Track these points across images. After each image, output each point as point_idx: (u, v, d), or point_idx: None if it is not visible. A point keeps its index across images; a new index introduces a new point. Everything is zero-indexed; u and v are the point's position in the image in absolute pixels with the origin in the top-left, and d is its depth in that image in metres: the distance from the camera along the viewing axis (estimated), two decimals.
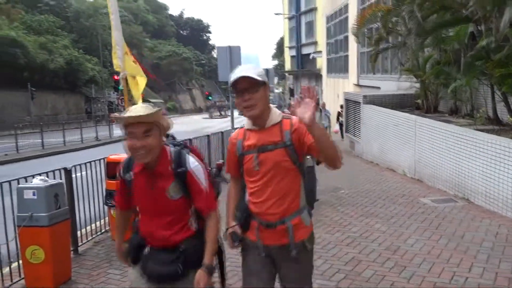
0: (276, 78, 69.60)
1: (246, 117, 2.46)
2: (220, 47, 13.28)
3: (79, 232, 5.42)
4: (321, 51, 33.36)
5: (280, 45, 64.17)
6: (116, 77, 28.70)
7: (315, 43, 39.25)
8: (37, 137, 20.06)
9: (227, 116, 55.63)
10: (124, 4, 72.78)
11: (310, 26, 41.63)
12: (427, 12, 9.49)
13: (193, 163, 2.38)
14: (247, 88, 2.34)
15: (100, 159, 5.98)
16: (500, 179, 6.18)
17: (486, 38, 7.62)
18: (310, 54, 39.09)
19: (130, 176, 2.43)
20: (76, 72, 40.10)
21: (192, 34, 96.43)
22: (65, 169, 5.11)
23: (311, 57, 39.01)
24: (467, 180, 7.12)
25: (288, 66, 50.39)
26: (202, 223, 2.42)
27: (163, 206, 2.35)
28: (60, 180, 4.59)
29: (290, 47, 47.74)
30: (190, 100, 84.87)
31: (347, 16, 22.01)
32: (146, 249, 2.41)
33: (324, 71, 30.93)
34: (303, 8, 43.13)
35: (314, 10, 39.60)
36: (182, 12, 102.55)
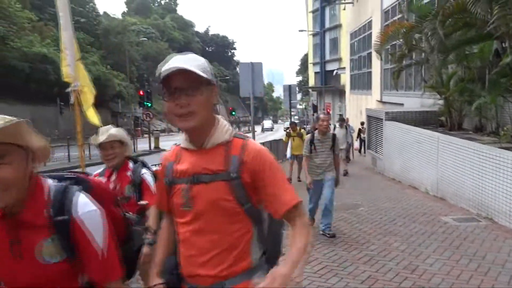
0: (299, 94, 69.77)
1: (180, 128, 1.73)
2: (242, 63, 13.45)
3: None
4: (345, 68, 33.31)
5: (304, 61, 64.35)
6: (141, 92, 29.24)
7: (339, 60, 39.28)
8: (64, 150, 20.56)
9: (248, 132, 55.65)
10: (152, 22, 74.71)
11: (335, 43, 41.71)
12: (449, 29, 9.41)
13: (84, 207, 1.51)
14: (185, 88, 1.66)
15: None
16: None
17: (511, 55, 7.51)
18: (334, 70, 39.10)
19: None
20: (103, 87, 41.05)
21: (217, 50, 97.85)
22: None
23: (334, 73, 39.03)
24: (491, 199, 6.95)
25: (312, 82, 50.44)
26: None
27: (32, 276, 1.48)
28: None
29: (314, 63, 47.86)
30: None
31: (371, 32, 21.98)
32: None
33: (347, 88, 30.83)
34: (327, 25, 43.31)
35: (338, 27, 39.72)
36: (208, 29, 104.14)
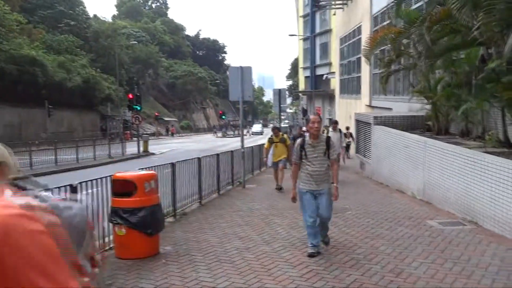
0: (289, 98, 69.91)
1: None
2: (232, 67, 13.46)
3: None
4: (334, 72, 33.50)
5: (294, 65, 64.61)
6: (131, 95, 29.12)
7: (329, 64, 39.46)
8: (51, 153, 20.38)
9: (236, 135, 56.05)
10: (142, 25, 74.49)
11: (325, 48, 41.93)
12: (436, 35, 9.52)
13: None
14: None
15: (106, 177, 6.07)
16: (509, 202, 6.08)
17: (496, 61, 7.61)
18: (324, 75, 39.29)
19: None
20: (92, 90, 40.86)
21: (207, 54, 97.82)
22: (70, 185, 5.19)
23: (324, 77, 39.21)
24: (476, 203, 7.02)
25: (302, 86, 50.63)
26: None
27: None
28: (64, 197, 4.64)
29: (305, 68, 48.07)
30: (204, 119, 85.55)
31: (360, 38, 22.14)
32: None
33: (337, 92, 30.99)
34: (318, 30, 43.54)
35: (328, 31, 39.94)
36: (198, 32, 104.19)
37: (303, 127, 19.72)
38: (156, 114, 62.37)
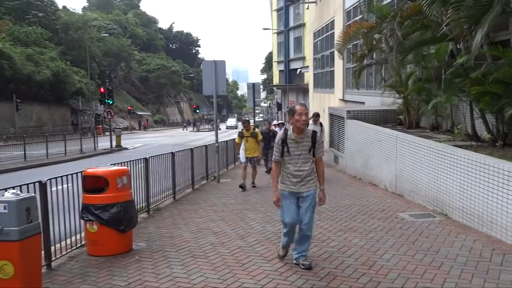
0: (264, 92, 69.96)
1: None
2: (205, 61, 13.35)
3: (53, 246, 5.34)
4: (308, 66, 33.69)
5: (269, 59, 64.71)
6: (102, 89, 28.57)
7: (303, 58, 39.66)
8: (20, 149, 19.84)
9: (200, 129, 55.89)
10: (114, 17, 73.10)
11: (298, 42, 42.10)
12: (407, 30, 9.66)
13: None
14: None
15: (77, 173, 5.95)
16: (476, 194, 6.25)
17: (464, 56, 7.78)
18: (298, 69, 39.47)
19: None
20: (62, 84, 39.93)
21: (181, 47, 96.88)
22: (39, 182, 5.06)
23: (298, 71, 39.40)
24: (445, 196, 7.20)
25: (276, 80, 50.77)
26: None
27: None
28: (32, 194, 4.52)
29: (279, 62, 48.18)
30: (178, 113, 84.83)
31: (333, 32, 22.30)
32: None
33: (311, 86, 31.18)
34: (291, 24, 43.66)
35: (302, 26, 40.11)
36: (171, 25, 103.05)
37: (273, 121, 19.45)
38: (129, 108, 61.51)
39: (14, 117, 33.03)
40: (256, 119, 23.31)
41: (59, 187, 5.59)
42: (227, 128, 62.72)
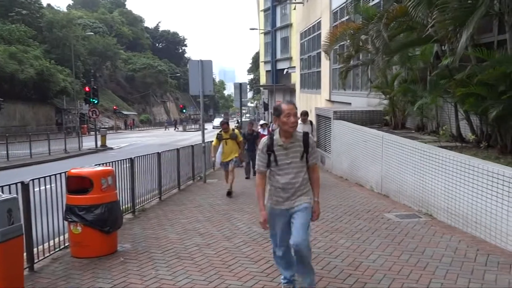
0: (251, 92, 69.95)
1: None
2: (192, 61, 13.27)
3: (36, 248, 5.25)
4: (295, 67, 33.77)
5: (256, 59, 64.72)
6: (87, 88, 28.25)
7: (290, 59, 39.74)
8: (3, 148, 19.51)
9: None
10: (99, 16, 72.41)
11: (285, 42, 42.18)
12: (394, 32, 9.73)
13: None
14: None
15: (61, 173, 5.85)
16: (461, 195, 6.31)
17: (449, 58, 7.86)
18: (285, 69, 39.55)
19: None
20: (47, 82, 39.40)
21: (167, 47, 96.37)
22: (22, 183, 4.96)
23: (285, 72, 39.47)
24: (430, 196, 7.25)
25: (263, 80, 50.79)
26: None
27: None
28: (14, 195, 4.43)
29: (266, 62, 48.19)
30: (164, 113, 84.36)
31: (320, 33, 22.37)
32: None
33: (297, 86, 31.26)
34: (278, 24, 43.70)
35: (289, 26, 40.19)
36: (158, 25, 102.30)
37: (256, 122, 19.08)
38: (115, 107, 60.98)
39: None
40: (243, 119, 23.24)
41: (42, 188, 5.50)
42: (213, 128, 62.66)
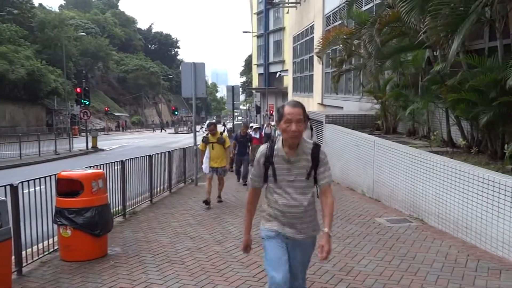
0: (243, 95, 69.97)
1: None
2: (184, 63, 13.27)
3: (24, 251, 5.18)
4: (287, 70, 33.84)
5: (248, 62, 64.77)
6: (78, 89, 28.08)
7: (282, 62, 39.81)
8: None
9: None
10: (91, 16, 72.07)
11: (278, 45, 42.26)
12: (386, 37, 9.79)
13: None
14: None
15: (50, 176, 5.78)
16: (451, 200, 6.34)
17: (441, 64, 7.91)
18: (277, 72, 39.62)
19: None
20: (37, 83, 39.10)
21: (160, 48, 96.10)
22: (11, 185, 4.90)
23: (278, 75, 39.54)
24: (421, 201, 7.28)
25: (255, 83, 50.81)
26: None
27: None
28: (3, 198, 4.37)
29: (258, 65, 48.23)
30: (156, 115, 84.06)
31: (313, 36, 22.45)
32: None
33: (290, 90, 31.31)
34: (271, 27, 43.78)
35: (282, 29, 40.27)
36: (150, 26, 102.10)
37: (251, 124, 18.90)
38: (106, 109, 60.65)
39: None
40: (235, 122, 23.23)
41: (32, 189, 5.43)
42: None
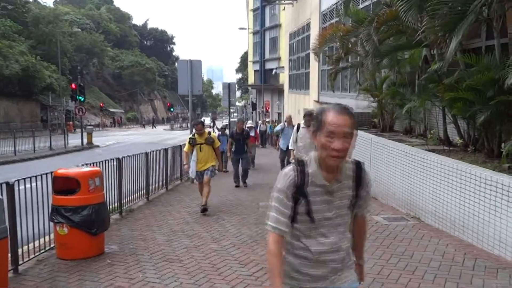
0: (239, 92, 69.89)
1: None
2: (181, 60, 13.22)
3: (20, 249, 5.15)
4: (283, 67, 33.80)
5: (244, 59, 64.67)
6: (74, 85, 27.92)
7: (278, 59, 39.77)
8: None
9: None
10: (86, 12, 71.63)
11: (274, 42, 42.21)
12: (383, 35, 9.77)
13: None
14: None
15: (47, 173, 5.74)
16: (448, 198, 6.35)
17: (438, 63, 7.91)
18: (273, 69, 39.59)
19: None
20: (32, 79, 38.83)
21: (155, 44, 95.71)
22: (7, 183, 4.86)
23: (274, 72, 39.51)
24: (418, 199, 7.30)
25: (251, 80, 50.75)
26: None
27: None
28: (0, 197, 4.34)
29: (254, 62, 48.16)
30: (151, 111, 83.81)
31: (309, 34, 22.42)
32: None
33: (286, 87, 31.29)
34: (267, 24, 43.70)
35: (278, 26, 40.21)
36: (146, 22, 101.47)
37: (247, 120, 18.70)
38: (101, 105, 60.40)
39: None
40: (231, 119, 23.14)
41: (27, 186, 5.39)
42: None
